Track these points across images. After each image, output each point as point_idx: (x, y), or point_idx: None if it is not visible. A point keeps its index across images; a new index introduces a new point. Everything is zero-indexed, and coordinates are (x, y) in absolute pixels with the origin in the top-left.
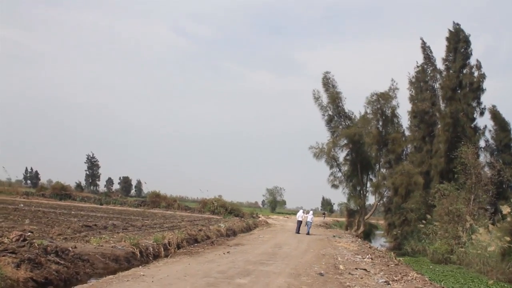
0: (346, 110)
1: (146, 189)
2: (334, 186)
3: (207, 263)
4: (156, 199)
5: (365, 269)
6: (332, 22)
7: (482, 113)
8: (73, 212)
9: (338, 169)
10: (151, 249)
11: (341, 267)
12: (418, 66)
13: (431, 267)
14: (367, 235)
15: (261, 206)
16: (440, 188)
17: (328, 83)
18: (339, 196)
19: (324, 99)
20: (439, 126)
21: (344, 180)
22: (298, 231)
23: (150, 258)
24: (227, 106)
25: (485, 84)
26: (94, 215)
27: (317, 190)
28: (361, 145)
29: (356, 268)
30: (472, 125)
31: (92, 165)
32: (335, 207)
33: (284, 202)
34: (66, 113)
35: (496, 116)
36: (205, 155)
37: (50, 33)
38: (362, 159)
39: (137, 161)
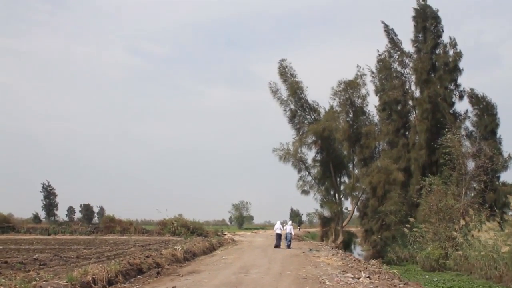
0: (310, 102)
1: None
2: (304, 192)
3: None
4: (110, 224)
5: None
6: (285, 32)
7: (461, 97)
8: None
9: (307, 173)
10: None
11: None
12: (380, 55)
13: (427, 277)
14: (347, 245)
15: (228, 223)
16: (426, 183)
17: (285, 72)
18: (307, 206)
19: (283, 91)
20: (415, 115)
21: (315, 184)
22: (278, 245)
23: None
24: (188, 124)
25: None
26: (25, 248)
27: (285, 202)
28: (332, 141)
29: None
30: (451, 110)
31: (49, 194)
32: (304, 218)
33: (251, 217)
34: (19, 144)
35: (478, 99)
36: (168, 174)
37: None
38: (334, 158)
39: (99, 188)
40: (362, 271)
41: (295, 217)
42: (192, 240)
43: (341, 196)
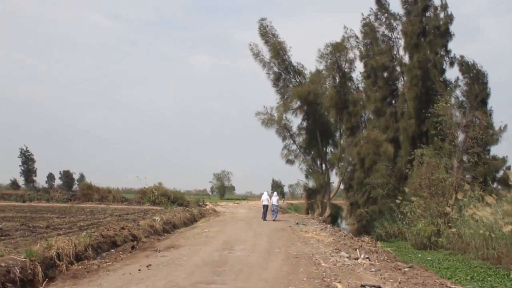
0: (295, 64)
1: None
2: (289, 162)
3: None
4: (88, 192)
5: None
6: None
7: (452, 63)
8: None
9: (292, 141)
10: (17, 272)
11: (339, 287)
12: (364, 18)
13: (419, 255)
14: (335, 219)
15: (210, 193)
16: (417, 154)
17: (266, 32)
18: (289, 177)
19: (266, 53)
20: (403, 82)
21: (301, 153)
22: (264, 218)
23: None
24: (170, 91)
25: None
26: None
27: (266, 173)
28: (318, 107)
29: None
30: (442, 78)
31: (27, 159)
32: (285, 189)
33: (233, 188)
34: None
35: (468, 67)
36: (150, 142)
37: None
38: (321, 125)
39: (80, 155)
40: (357, 250)
41: (277, 188)
42: (173, 210)
43: (328, 167)
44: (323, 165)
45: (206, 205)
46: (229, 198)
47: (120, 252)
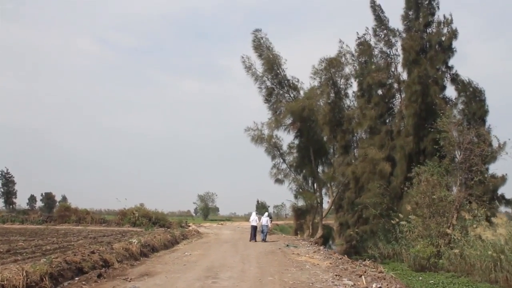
0: (289, 77)
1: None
2: (278, 181)
3: None
4: (65, 213)
5: None
6: (255, 25)
7: (453, 80)
8: None
9: (281, 160)
10: None
11: None
12: (359, 37)
13: (420, 278)
14: (326, 240)
15: (193, 214)
16: (419, 171)
17: (260, 45)
18: (274, 198)
19: (259, 66)
20: (401, 99)
21: (292, 171)
22: (254, 239)
23: None
24: (156, 115)
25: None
26: None
27: (251, 195)
28: (313, 124)
29: None
30: (442, 95)
31: (7, 181)
32: (270, 210)
33: (217, 209)
34: None
35: (464, 85)
36: (134, 165)
37: None
38: (315, 142)
39: (64, 178)
40: (362, 277)
41: (262, 209)
42: (153, 232)
43: (322, 186)
44: (315, 185)
45: (189, 226)
46: (213, 219)
47: (83, 282)
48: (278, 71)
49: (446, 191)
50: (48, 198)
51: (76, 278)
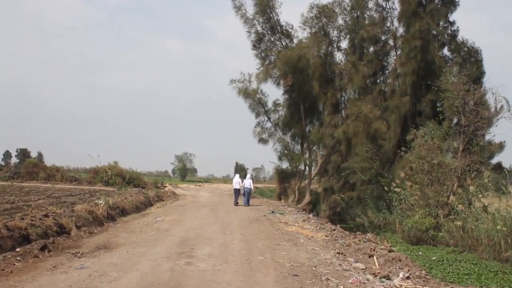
0: (283, 23)
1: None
2: (262, 141)
3: None
4: (34, 170)
5: None
6: None
7: (454, 36)
8: None
9: (266, 118)
10: None
11: None
12: None
13: (420, 253)
14: (314, 207)
15: (171, 175)
16: (420, 133)
17: None
18: (253, 161)
19: (250, 7)
20: (397, 56)
21: (277, 131)
22: (236, 203)
23: None
24: (136, 73)
25: None
26: None
27: (230, 157)
28: (306, 77)
29: None
30: (440, 53)
31: None
32: (249, 172)
33: (195, 170)
34: None
35: (458, 45)
36: (114, 124)
37: None
38: (306, 98)
39: (41, 134)
40: (374, 257)
41: (241, 171)
42: (126, 192)
43: (312, 146)
44: (303, 146)
45: (165, 187)
46: (191, 181)
47: (18, 258)
48: (271, 15)
49: (448, 156)
50: (24, 154)
51: (18, 249)
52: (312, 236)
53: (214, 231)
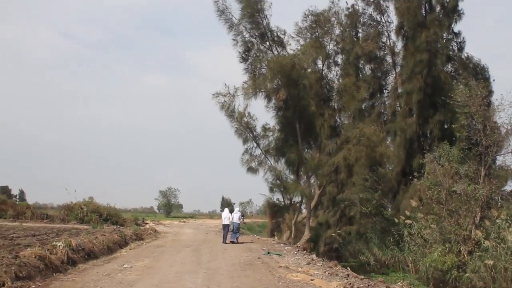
0: (273, 28)
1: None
2: (251, 170)
3: None
4: (1, 207)
5: None
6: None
7: (460, 49)
8: None
9: (255, 144)
10: None
11: None
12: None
13: None
14: (315, 244)
15: (156, 211)
16: (431, 158)
17: None
18: (239, 195)
19: (236, 11)
20: (396, 74)
21: (268, 158)
22: (225, 241)
23: None
24: (119, 109)
25: None
26: None
27: (216, 191)
28: (303, 91)
29: None
30: (447, 67)
31: None
32: (236, 207)
33: (180, 206)
34: None
35: (462, 61)
36: (95, 161)
37: None
38: (304, 117)
39: (21, 171)
40: None
41: (228, 206)
42: (100, 230)
43: (311, 174)
44: (299, 174)
45: (146, 224)
46: (176, 216)
47: None
48: (260, 20)
49: (471, 182)
50: (4, 191)
51: None
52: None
53: (196, 284)
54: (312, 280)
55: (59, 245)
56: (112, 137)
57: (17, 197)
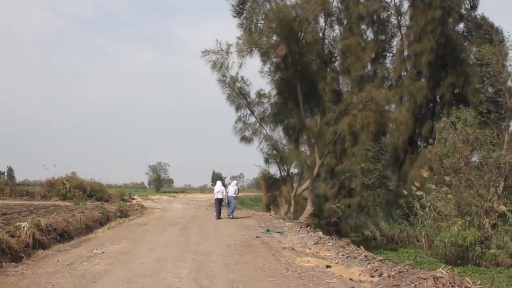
0: None
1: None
2: (245, 140)
3: None
4: None
5: None
6: None
7: (473, 7)
8: None
9: (249, 111)
10: None
11: None
12: None
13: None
14: (318, 219)
15: (147, 186)
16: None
17: None
18: (231, 169)
19: None
20: (402, 36)
21: (263, 127)
22: (219, 216)
23: None
24: (110, 86)
25: None
26: None
27: (206, 165)
28: (305, 47)
29: None
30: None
31: None
32: (227, 181)
33: (171, 180)
34: None
35: (475, 23)
36: (89, 136)
37: None
38: (305, 77)
39: (10, 148)
40: None
41: (218, 180)
42: (82, 207)
43: (312, 142)
44: (298, 142)
45: (133, 199)
46: (167, 191)
47: None
48: None
49: (495, 148)
50: None
51: None
52: (349, 278)
53: (180, 278)
54: (328, 267)
55: (24, 226)
56: (105, 114)
57: (5, 174)
